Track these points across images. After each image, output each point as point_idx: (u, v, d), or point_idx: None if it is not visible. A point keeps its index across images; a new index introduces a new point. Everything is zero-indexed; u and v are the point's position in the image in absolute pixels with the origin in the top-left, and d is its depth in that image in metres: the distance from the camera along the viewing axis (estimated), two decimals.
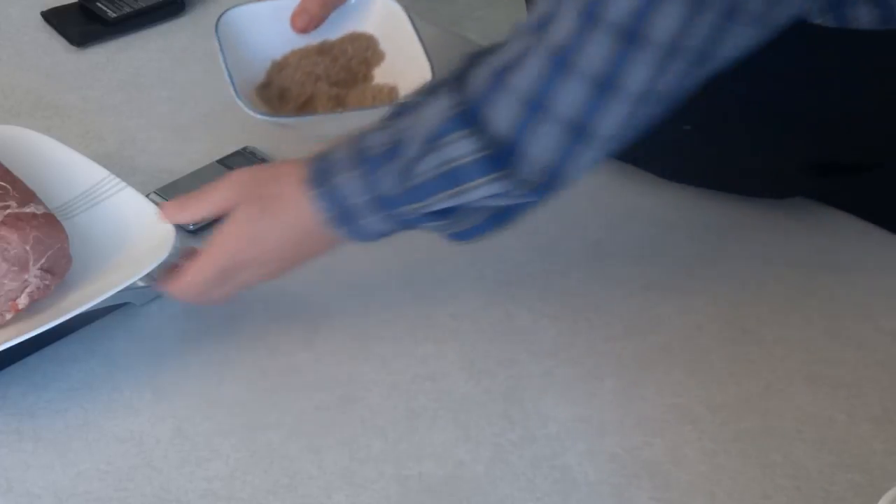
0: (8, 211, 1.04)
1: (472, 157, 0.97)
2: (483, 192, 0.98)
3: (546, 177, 0.98)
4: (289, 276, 1.11)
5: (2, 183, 1.06)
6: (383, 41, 1.37)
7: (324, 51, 1.36)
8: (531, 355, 1.12)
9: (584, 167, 0.98)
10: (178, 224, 1.09)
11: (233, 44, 1.32)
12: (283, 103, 1.32)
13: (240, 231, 1.04)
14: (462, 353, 1.12)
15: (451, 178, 0.98)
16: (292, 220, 1.04)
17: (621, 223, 1.26)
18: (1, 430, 1.04)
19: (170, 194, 1.22)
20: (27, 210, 1.04)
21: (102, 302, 1.04)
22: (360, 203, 1.02)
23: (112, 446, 1.03)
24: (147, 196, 1.15)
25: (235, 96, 1.26)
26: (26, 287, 1.02)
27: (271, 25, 1.36)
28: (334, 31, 1.37)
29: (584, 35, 0.93)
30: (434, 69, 1.28)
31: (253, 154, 1.31)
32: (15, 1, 1.56)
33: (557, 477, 1.01)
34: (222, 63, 1.29)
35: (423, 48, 1.31)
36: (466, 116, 0.98)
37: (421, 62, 1.29)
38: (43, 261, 1.03)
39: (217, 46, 1.30)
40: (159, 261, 1.06)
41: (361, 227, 1.03)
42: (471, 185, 0.98)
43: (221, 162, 1.30)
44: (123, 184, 1.13)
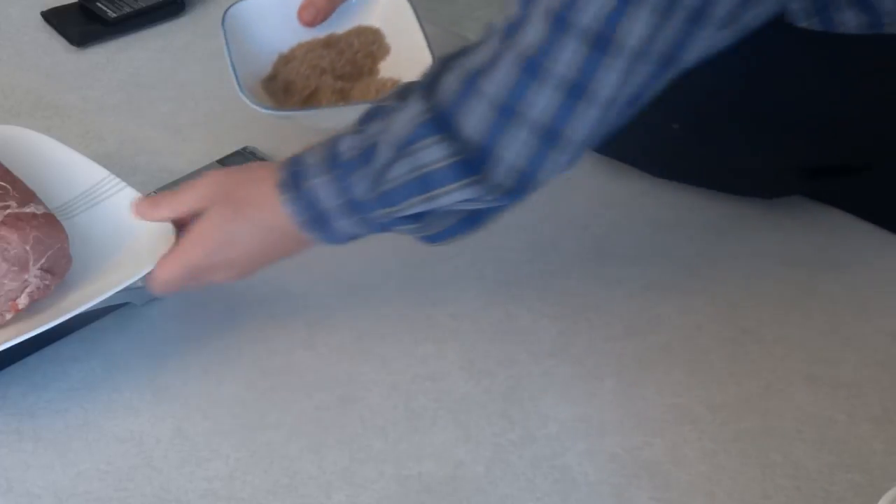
0: (8, 211, 1.04)
1: (444, 163, 0.98)
2: (455, 196, 0.99)
3: (518, 181, 0.99)
4: (289, 276, 1.12)
5: (2, 183, 1.07)
6: (389, 35, 1.37)
7: (330, 44, 1.37)
8: (531, 355, 1.12)
9: (556, 171, 0.99)
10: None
11: (240, 37, 1.33)
12: (287, 96, 1.33)
13: (213, 232, 1.05)
14: (462, 353, 1.12)
15: (424, 183, 0.99)
16: (265, 223, 1.05)
17: (621, 223, 1.26)
18: (1, 430, 1.04)
19: None
20: (27, 210, 1.04)
21: (102, 302, 1.04)
22: (333, 207, 1.03)
23: (112, 446, 1.03)
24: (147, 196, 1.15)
25: (238, 89, 1.26)
26: (26, 287, 1.02)
27: (279, 18, 1.36)
28: (341, 24, 1.38)
29: (555, 40, 0.94)
30: None
31: (253, 154, 1.31)
32: (15, 1, 1.56)
33: (557, 477, 1.01)
34: (227, 56, 1.29)
35: (428, 43, 1.32)
36: (438, 122, 0.98)
37: (424, 57, 1.30)
38: (43, 261, 1.03)
39: (223, 39, 1.31)
40: (156, 262, 1.06)
41: (334, 230, 1.04)
42: (443, 190, 0.99)
43: (221, 162, 1.30)
44: (123, 184, 1.13)
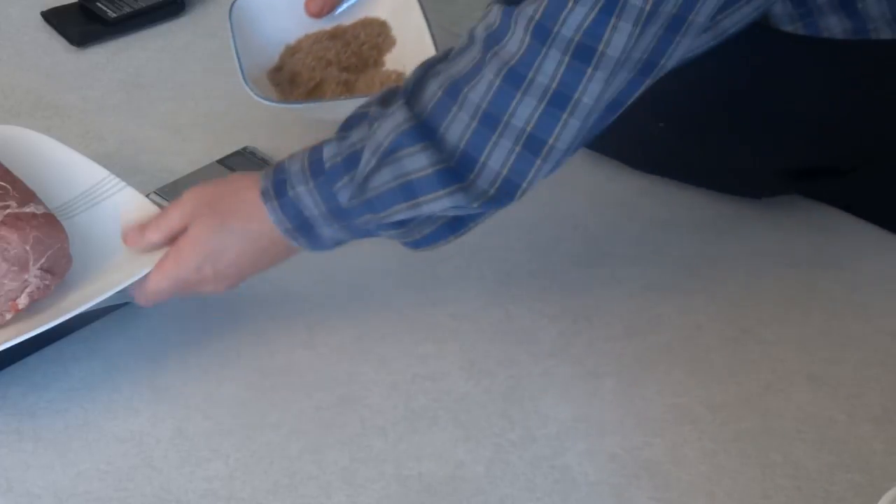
0: (8, 211, 1.04)
1: (429, 171, 0.99)
2: (440, 204, 1.00)
3: (502, 189, 0.99)
4: (289, 276, 1.12)
5: (2, 183, 1.07)
6: (395, 27, 1.38)
7: (336, 36, 1.37)
8: (531, 355, 1.12)
9: (540, 178, 1.00)
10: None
11: (247, 27, 1.33)
12: (293, 87, 1.33)
13: (200, 245, 1.05)
14: (462, 353, 1.12)
15: (408, 190, 1.00)
16: (251, 232, 1.05)
17: (621, 223, 1.26)
18: (1, 430, 1.04)
19: (170, 194, 1.22)
20: (27, 210, 1.04)
21: (102, 302, 1.04)
22: (318, 214, 1.04)
23: (112, 446, 1.03)
24: (147, 196, 1.15)
25: (243, 81, 1.26)
26: (26, 287, 1.02)
27: (286, 9, 1.37)
28: (348, 16, 1.38)
29: (537, 51, 0.95)
30: None
31: (253, 154, 1.31)
32: (15, 1, 1.56)
33: (557, 477, 1.01)
34: (233, 47, 1.29)
35: (432, 36, 1.32)
36: (422, 130, 0.99)
37: (429, 50, 1.31)
38: (43, 261, 1.03)
39: (229, 30, 1.31)
40: (156, 261, 1.06)
41: (319, 237, 1.05)
42: (427, 197, 1.00)
43: (221, 162, 1.30)
44: (123, 184, 1.13)
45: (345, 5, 1.39)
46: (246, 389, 1.08)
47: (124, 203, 1.12)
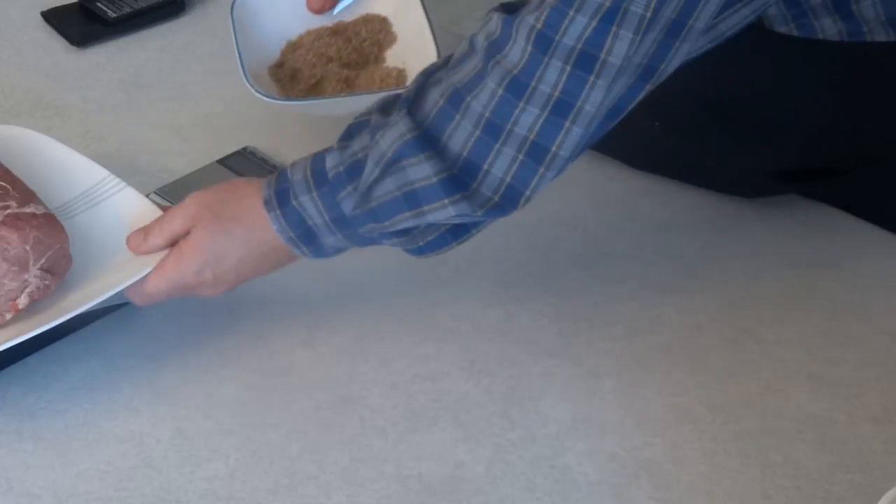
0: (8, 211, 1.04)
1: (432, 180, 0.99)
2: (444, 213, 1.00)
3: (505, 196, 0.99)
4: (289, 277, 1.12)
5: (2, 183, 1.06)
6: (396, 24, 1.38)
7: (337, 32, 1.37)
8: (531, 355, 1.12)
9: (543, 185, 1.00)
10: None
11: (249, 23, 1.34)
12: (294, 83, 1.33)
13: (202, 250, 1.05)
14: (462, 353, 1.12)
15: (412, 200, 1.00)
16: (253, 240, 1.05)
17: (621, 223, 1.26)
18: (1, 430, 1.04)
19: (170, 194, 1.22)
20: (27, 210, 1.04)
21: (102, 302, 1.04)
22: (321, 223, 1.04)
23: (112, 446, 1.03)
24: (147, 196, 1.15)
25: (244, 77, 1.26)
26: (26, 287, 1.02)
27: (288, 5, 1.37)
28: (349, 12, 1.39)
29: (539, 60, 0.96)
30: (441, 54, 1.29)
31: (253, 154, 1.31)
32: (15, 1, 1.56)
33: (557, 477, 1.01)
34: (234, 43, 1.29)
35: (433, 33, 1.32)
36: (424, 140, 0.99)
37: (429, 46, 1.31)
38: (43, 261, 1.03)
39: (231, 26, 1.31)
40: (157, 261, 1.06)
41: (321, 245, 1.06)
42: (431, 206, 1.00)
43: (221, 162, 1.30)
44: (123, 184, 1.13)
45: (346, 2, 1.39)
46: (246, 389, 1.08)
47: (124, 203, 1.12)
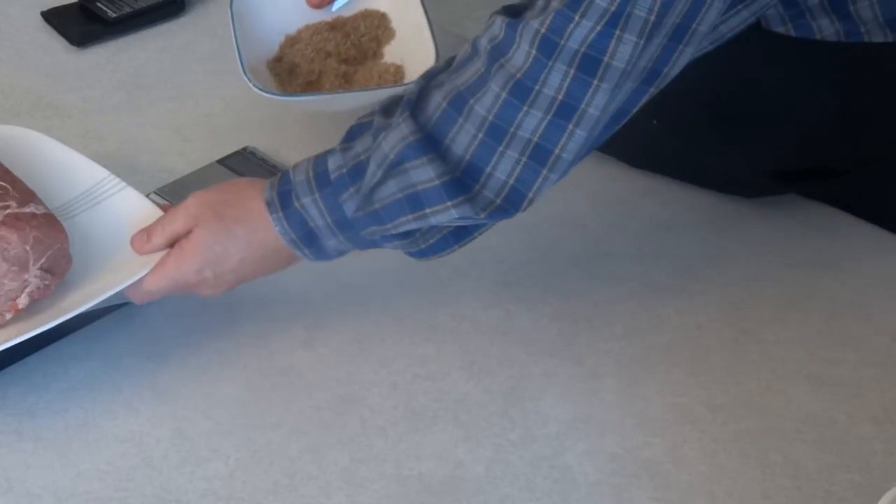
0: (8, 211, 1.04)
1: (434, 183, 0.99)
2: (446, 215, 1.00)
3: (508, 199, 1.00)
4: (289, 277, 1.12)
5: (2, 183, 1.06)
6: (395, 20, 1.38)
7: (336, 27, 1.38)
8: (531, 355, 1.12)
9: (546, 188, 1.00)
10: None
11: (248, 17, 1.34)
12: (292, 78, 1.33)
13: (203, 250, 1.05)
14: (462, 353, 1.12)
15: (414, 202, 1.00)
16: (255, 241, 1.05)
17: (621, 223, 1.26)
18: (1, 430, 1.04)
19: (170, 194, 1.22)
20: (27, 210, 1.04)
21: (102, 302, 1.04)
22: (323, 225, 1.04)
23: (112, 446, 1.03)
24: (147, 196, 1.15)
25: (242, 72, 1.26)
26: (26, 287, 1.02)
27: (287, 0, 1.37)
28: (348, 7, 1.39)
29: (544, 64, 0.96)
30: (438, 51, 1.29)
31: (253, 154, 1.31)
32: (15, 1, 1.56)
33: (557, 477, 1.01)
34: (233, 37, 1.29)
35: (431, 29, 1.32)
36: (427, 143, 0.99)
37: (427, 44, 1.31)
38: (43, 261, 1.03)
39: (230, 19, 1.31)
40: (156, 261, 1.06)
41: (323, 247, 1.06)
42: (433, 209, 1.00)
43: (221, 162, 1.30)
44: (123, 184, 1.13)
45: None
46: (246, 390, 1.08)
47: (124, 203, 1.12)
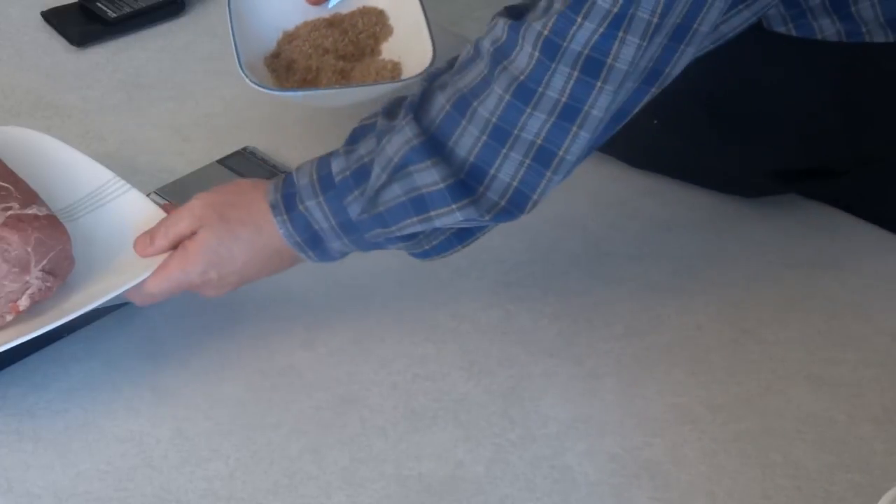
0: (10, 212, 1.03)
1: (439, 186, 0.99)
2: (451, 218, 1.00)
3: (512, 200, 1.00)
4: (289, 277, 1.11)
5: (4, 184, 1.06)
6: (393, 17, 1.38)
7: (334, 24, 1.38)
8: (531, 355, 1.12)
9: (550, 189, 1.00)
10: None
11: (246, 13, 1.34)
12: (289, 74, 1.33)
13: (208, 252, 1.05)
14: (462, 353, 1.12)
15: (418, 205, 1.00)
16: (260, 243, 1.06)
17: (621, 223, 1.26)
18: (1, 430, 1.04)
19: (170, 194, 1.22)
20: (29, 211, 1.04)
21: (103, 303, 1.04)
22: (327, 228, 1.04)
23: (112, 446, 1.03)
24: (147, 196, 1.15)
25: (239, 68, 1.26)
26: (27, 288, 1.02)
27: None
28: (346, 4, 1.39)
29: (547, 66, 0.96)
30: (436, 48, 1.29)
31: (253, 154, 1.31)
32: (15, 1, 1.56)
33: (557, 477, 1.01)
34: (231, 33, 1.29)
35: (429, 27, 1.32)
36: (431, 146, 1.00)
37: (425, 41, 1.31)
38: (45, 262, 1.02)
39: (227, 15, 1.31)
40: (159, 263, 1.06)
41: (327, 249, 1.06)
42: (439, 211, 1.00)
43: (221, 162, 1.30)
44: (128, 186, 1.13)
45: None
46: (246, 390, 1.08)
47: (129, 205, 1.12)
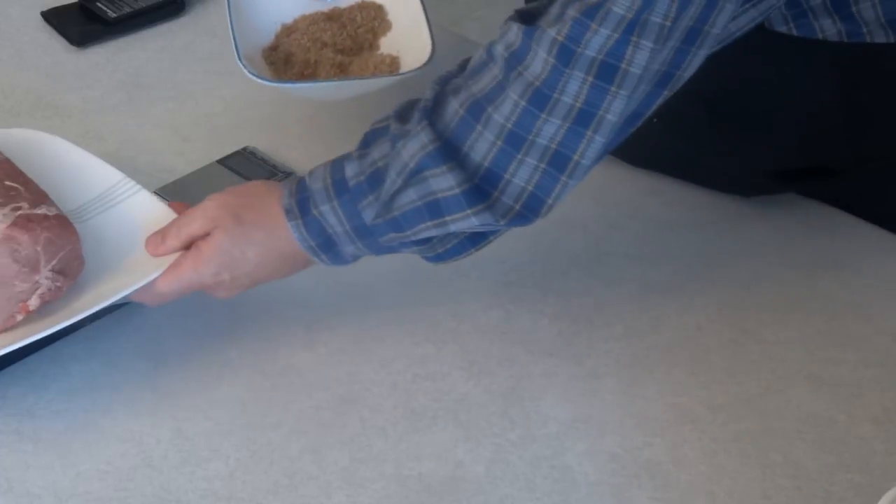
0: (19, 212, 1.03)
1: (455, 191, 1.00)
2: (467, 223, 1.01)
3: (527, 205, 1.00)
4: (290, 277, 1.11)
5: (14, 184, 1.06)
6: (392, 11, 1.38)
7: (333, 17, 1.38)
8: (531, 355, 1.12)
9: (565, 194, 1.01)
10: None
11: (245, 5, 1.34)
12: (287, 67, 1.33)
13: (221, 254, 1.05)
14: (462, 353, 1.12)
15: (434, 210, 1.01)
16: (274, 246, 1.06)
17: (621, 223, 1.26)
18: (1, 430, 1.03)
19: (170, 194, 1.22)
20: (39, 211, 1.04)
21: (115, 301, 1.04)
22: (341, 232, 1.05)
23: (112, 446, 1.03)
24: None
25: (237, 59, 1.26)
26: (37, 288, 1.02)
27: None
28: None
29: (562, 72, 0.96)
30: (435, 43, 1.29)
31: (253, 154, 1.31)
32: (15, 1, 1.56)
33: (557, 477, 1.01)
34: (229, 24, 1.29)
35: (428, 22, 1.32)
36: (446, 151, 1.00)
37: (424, 36, 1.31)
38: (54, 262, 1.02)
39: (226, 6, 1.31)
40: (170, 263, 1.06)
41: (341, 253, 1.06)
42: (455, 216, 1.00)
43: (221, 162, 1.30)
44: (138, 186, 1.13)
45: None
46: (246, 389, 1.08)
47: (139, 206, 1.12)
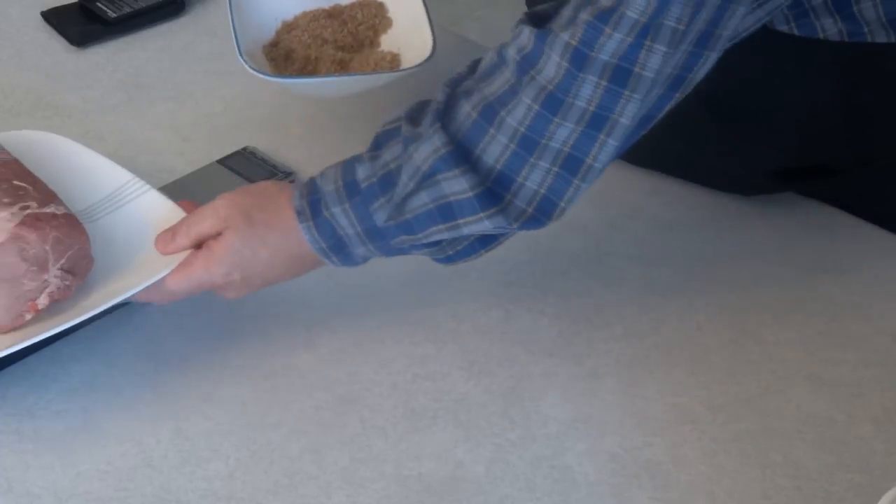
0: (28, 211, 1.03)
1: (468, 194, 1.00)
2: (480, 226, 1.01)
3: (540, 208, 1.00)
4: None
5: (22, 184, 1.06)
6: (392, 9, 1.38)
7: (333, 15, 1.38)
8: (531, 355, 1.12)
9: (578, 197, 1.01)
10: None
11: (245, 2, 1.34)
12: (288, 63, 1.33)
13: (233, 254, 1.05)
14: (462, 353, 1.12)
15: (446, 213, 1.01)
16: (285, 247, 1.06)
17: (621, 223, 1.26)
18: (1, 430, 1.03)
19: (171, 194, 1.22)
20: (47, 210, 1.04)
21: (124, 300, 1.04)
22: (353, 234, 1.05)
23: (112, 446, 1.03)
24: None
25: (238, 54, 1.26)
26: (46, 287, 1.02)
27: None
28: None
29: (575, 76, 0.96)
30: (436, 41, 1.29)
31: (253, 154, 1.31)
32: (15, 1, 1.56)
33: (557, 477, 1.01)
34: (230, 20, 1.29)
35: (429, 20, 1.32)
36: (458, 154, 1.00)
37: (425, 34, 1.31)
38: (63, 261, 1.02)
39: (227, 2, 1.31)
40: (179, 261, 1.06)
41: (352, 255, 1.06)
42: (466, 220, 1.01)
43: (221, 162, 1.30)
44: (147, 186, 1.13)
45: None
46: (246, 389, 1.08)
47: (149, 206, 1.12)
